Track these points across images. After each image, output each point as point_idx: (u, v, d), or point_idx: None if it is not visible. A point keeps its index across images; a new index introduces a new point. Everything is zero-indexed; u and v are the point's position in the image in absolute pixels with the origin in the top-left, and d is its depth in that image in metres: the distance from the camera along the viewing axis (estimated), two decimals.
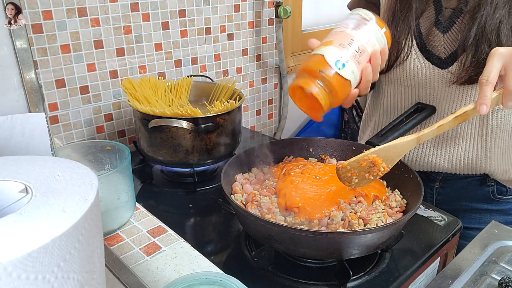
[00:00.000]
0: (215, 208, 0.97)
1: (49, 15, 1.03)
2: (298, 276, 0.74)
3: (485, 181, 0.97)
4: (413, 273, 0.77)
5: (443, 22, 0.87)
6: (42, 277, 0.30)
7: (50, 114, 1.11)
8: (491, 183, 0.97)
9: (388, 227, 0.68)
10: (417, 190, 0.77)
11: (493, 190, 0.97)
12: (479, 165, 0.93)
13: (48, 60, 1.06)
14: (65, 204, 0.35)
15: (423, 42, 0.89)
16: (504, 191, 0.97)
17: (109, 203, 0.73)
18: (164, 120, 0.96)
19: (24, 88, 0.57)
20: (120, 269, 0.63)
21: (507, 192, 0.97)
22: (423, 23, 0.89)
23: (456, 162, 0.94)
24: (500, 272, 0.67)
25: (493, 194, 0.97)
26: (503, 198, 0.98)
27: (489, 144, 0.92)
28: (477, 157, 0.93)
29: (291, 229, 0.66)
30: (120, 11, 1.14)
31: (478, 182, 0.97)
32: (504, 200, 0.98)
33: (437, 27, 0.88)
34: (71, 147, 0.81)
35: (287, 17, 1.47)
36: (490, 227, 0.79)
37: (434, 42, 0.88)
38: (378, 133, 0.93)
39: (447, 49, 0.88)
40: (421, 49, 0.90)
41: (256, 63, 1.53)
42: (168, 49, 1.27)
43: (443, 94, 0.90)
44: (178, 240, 0.72)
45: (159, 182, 1.10)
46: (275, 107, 1.69)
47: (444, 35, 0.87)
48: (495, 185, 0.97)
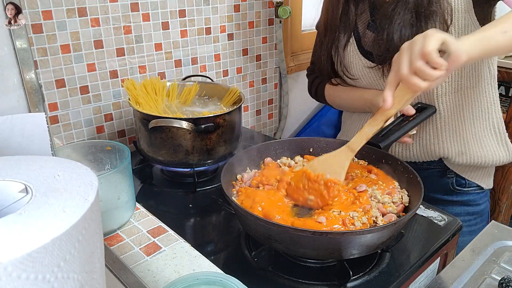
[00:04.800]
0: (215, 208, 0.97)
1: (49, 15, 1.03)
2: (298, 276, 0.74)
3: (445, 173, 1.03)
4: (413, 273, 0.77)
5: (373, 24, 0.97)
6: (42, 277, 0.30)
7: (50, 114, 1.11)
8: (450, 175, 1.03)
9: (388, 227, 0.68)
10: (417, 190, 0.77)
11: (452, 182, 1.03)
12: (434, 149, 0.99)
13: (48, 60, 1.06)
14: (65, 204, 0.35)
15: (359, 38, 1.00)
16: (463, 183, 1.03)
17: (109, 203, 0.73)
18: (164, 120, 0.96)
19: (24, 88, 0.57)
20: (120, 269, 0.63)
21: (465, 184, 1.03)
22: (360, 23, 1.00)
23: (412, 149, 1.01)
24: (500, 272, 0.67)
25: (452, 185, 1.04)
26: (462, 190, 1.04)
27: (439, 128, 0.98)
28: (430, 142, 0.99)
29: (291, 229, 0.66)
30: (120, 11, 1.14)
31: (438, 173, 1.03)
32: (464, 191, 1.04)
33: (369, 28, 0.98)
34: (71, 147, 0.81)
35: (287, 17, 1.47)
36: (490, 227, 0.79)
37: (367, 40, 0.99)
38: (379, 133, 0.93)
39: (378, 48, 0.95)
40: (358, 45, 1.00)
41: (256, 63, 1.53)
42: (168, 49, 1.27)
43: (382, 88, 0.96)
44: (178, 240, 0.72)
45: (159, 182, 1.10)
46: (275, 107, 1.69)
47: (375, 35, 0.96)
48: (454, 177, 1.03)
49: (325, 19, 1.04)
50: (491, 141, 1.00)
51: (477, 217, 1.05)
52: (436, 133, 0.99)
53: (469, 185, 1.03)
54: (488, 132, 1.00)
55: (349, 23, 0.99)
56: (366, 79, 1.01)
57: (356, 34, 1.01)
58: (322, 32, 1.06)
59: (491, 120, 0.99)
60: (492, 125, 1.00)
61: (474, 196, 1.04)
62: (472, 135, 0.99)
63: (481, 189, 1.05)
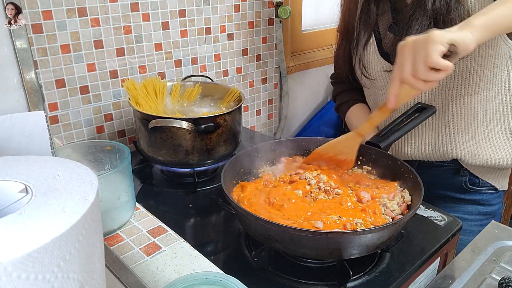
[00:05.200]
0: (215, 208, 0.97)
1: (49, 15, 1.03)
2: (298, 276, 0.74)
3: (458, 171, 1.02)
4: (413, 273, 0.77)
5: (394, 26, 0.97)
6: (42, 277, 0.30)
7: (50, 114, 1.10)
8: (464, 173, 1.01)
9: (388, 227, 0.68)
10: (417, 190, 0.77)
11: (465, 180, 1.02)
12: (446, 150, 0.99)
13: (48, 60, 1.06)
14: (65, 204, 0.35)
15: (380, 39, 1.00)
16: (477, 182, 1.02)
17: (109, 203, 0.73)
18: (164, 121, 0.96)
19: (24, 88, 0.57)
20: (120, 269, 0.63)
21: (479, 183, 1.02)
22: (381, 24, 1.00)
23: (425, 149, 1.01)
24: (500, 272, 0.67)
25: (465, 184, 1.02)
26: (475, 189, 1.02)
27: (452, 130, 0.97)
28: (443, 143, 0.99)
29: (291, 229, 0.66)
30: (120, 11, 1.14)
31: (452, 171, 1.02)
32: (477, 190, 1.03)
33: (390, 30, 0.98)
34: (71, 147, 0.81)
35: (287, 17, 1.47)
36: (490, 227, 0.79)
37: (387, 42, 0.98)
38: (379, 133, 0.93)
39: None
40: (378, 45, 1.00)
41: (256, 63, 1.53)
42: (168, 49, 1.27)
43: None
44: (178, 240, 0.72)
45: (159, 182, 1.10)
46: (275, 107, 1.69)
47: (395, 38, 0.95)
48: (468, 175, 1.01)
49: (345, 20, 1.04)
50: (505, 143, 0.99)
51: (489, 217, 1.03)
52: (449, 135, 0.98)
53: (483, 185, 1.02)
54: (503, 134, 0.98)
55: (370, 22, 0.99)
56: (382, 80, 1.01)
57: (377, 34, 1.00)
58: (342, 33, 1.06)
59: (506, 123, 0.98)
60: (506, 128, 0.98)
61: (487, 196, 1.03)
62: (485, 137, 0.98)
63: (495, 190, 1.03)
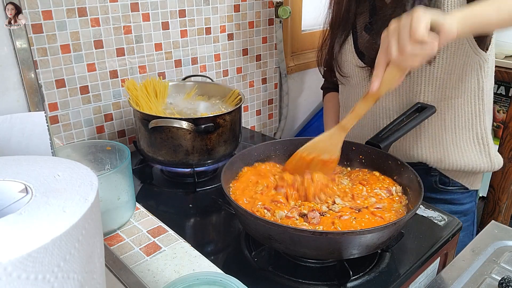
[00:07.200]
0: (215, 208, 0.97)
1: (49, 15, 1.03)
2: (298, 276, 0.74)
3: (429, 171, 1.03)
4: (413, 273, 0.77)
5: (369, 27, 0.97)
6: (42, 277, 0.30)
7: (50, 114, 1.11)
8: (434, 173, 1.03)
9: (388, 227, 0.68)
10: (417, 190, 0.77)
11: (435, 180, 1.03)
12: (413, 153, 1.01)
13: (48, 60, 1.06)
14: (65, 204, 0.35)
15: (356, 38, 1.01)
16: (447, 181, 1.03)
17: (109, 203, 0.73)
18: (164, 121, 0.96)
19: (24, 88, 0.57)
20: (120, 269, 0.63)
21: (449, 183, 1.03)
22: (359, 24, 1.01)
23: (392, 151, 1.00)
24: (500, 272, 0.67)
25: (435, 183, 1.04)
26: (446, 189, 1.04)
27: (419, 134, 0.99)
28: (410, 146, 1.01)
29: (291, 229, 0.66)
30: (120, 11, 1.14)
31: (423, 171, 1.01)
32: (447, 190, 1.04)
33: (366, 31, 0.99)
34: (71, 147, 0.81)
35: (287, 17, 1.47)
36: (490, 227, 0.79)
37: (362, 41, 1.00)
38: (378, 133, 0.93)
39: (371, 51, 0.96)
40: (354, 44, 1.01)
41: (256, 63, 1.53)
42: (168, 49, 1.27)
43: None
44: (178, 240, 0.72)
45: (159, 182, 1.10)
46: (275, 107, 1.69)
47: (370, 38, 0.97)
48: (438, 176, 1.03)
49: (331, 18, 1.06)
50: (473, 150, 1.00)
51: (461, 216, 1.04)
52: (416, 139, 1.00)
53: (453, 184, 1.03)
54: (471, 141, 0.99)
55: (348, 21, 1.00)
56: (356, 78, 1.03)
57: (354, 34, 1.02)
58: (327, 30, 1.08)
59: (474, 131, 0.99)
60: (475, 135, 0.99)
61: (458, 195, 1.05)
62: (454, 143, 0.99)
63: (466, 189, 1.05)
